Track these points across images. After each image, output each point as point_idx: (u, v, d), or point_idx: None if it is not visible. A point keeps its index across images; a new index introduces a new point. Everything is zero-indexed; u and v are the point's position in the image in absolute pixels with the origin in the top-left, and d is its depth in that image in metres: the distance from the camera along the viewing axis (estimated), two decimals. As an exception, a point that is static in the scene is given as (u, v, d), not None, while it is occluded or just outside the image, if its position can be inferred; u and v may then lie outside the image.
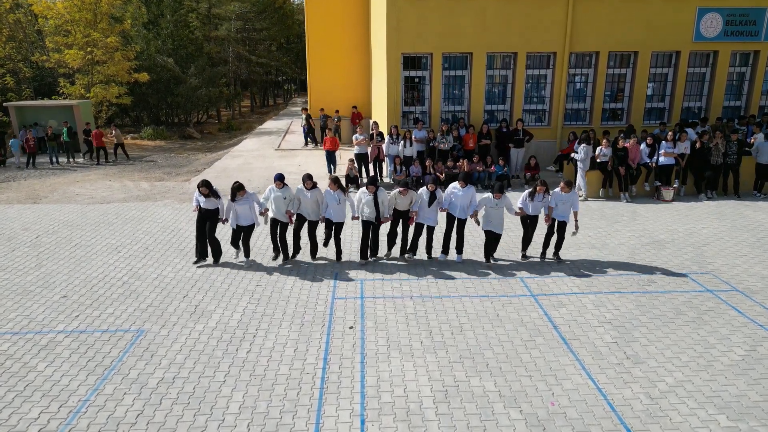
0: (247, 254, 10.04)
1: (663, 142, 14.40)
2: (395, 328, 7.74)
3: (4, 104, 24.61)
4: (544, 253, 10.27)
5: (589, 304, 8.43)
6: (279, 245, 10.10)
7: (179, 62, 33.69)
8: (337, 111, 22.49)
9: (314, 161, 19.88)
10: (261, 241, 11.31)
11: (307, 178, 9.73)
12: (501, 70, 17.21)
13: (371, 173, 16.43)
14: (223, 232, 11.10)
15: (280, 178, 9.79)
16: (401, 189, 9.61)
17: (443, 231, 10.20)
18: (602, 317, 8.02)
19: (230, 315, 8.14)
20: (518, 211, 9.94)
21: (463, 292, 8.87)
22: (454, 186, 9.86)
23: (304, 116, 23.38)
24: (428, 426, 5.72)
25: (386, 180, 16.41)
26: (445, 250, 10.22)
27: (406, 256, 10.19)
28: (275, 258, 10.25)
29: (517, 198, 10.24)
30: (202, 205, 9.77)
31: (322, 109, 23.13)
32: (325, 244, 10.14)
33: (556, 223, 9.96)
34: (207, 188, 9.69)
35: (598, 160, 14.41)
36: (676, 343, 7.32)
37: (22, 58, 30.66)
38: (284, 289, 9.03)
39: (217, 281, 9.37)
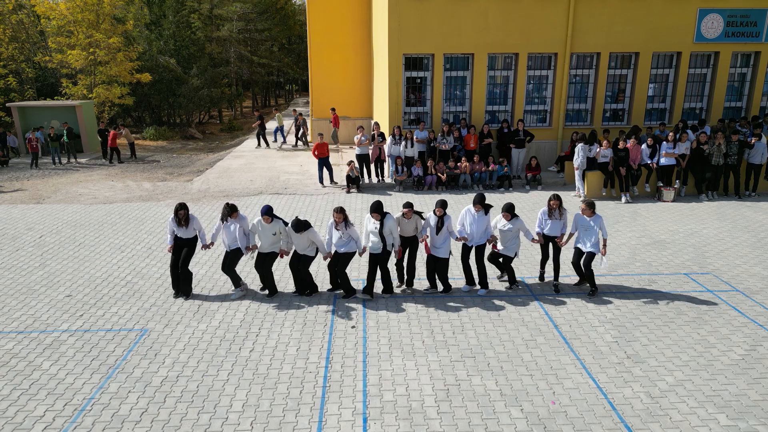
0: (235, 282, 8.82)
1: (663, 142, 14.44)
2: (397, 327, 7.79)
3: (7, 104, 24.70)
4: (581, 283, 9.04)
5: (590, 304, 8.47)
6: (266, 279, 8.77)
7: (181, 63, 33.78)
8: (333, 109, 22.50)
9: (315, 161, 19.89)
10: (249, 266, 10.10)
11: (296, 228, 8.22)
12: (502, 71, 17.26)
13: (372, 174, 16.49)
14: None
15: (268, 212, 8.29)
16: (405, 211, 8.30)
17: (458, 261, 9.14)
18: (603, 317, 8.07)
19: (233, 314, 8.19)
20: (536, 237, 8.81)
21: (464, 292, 8.90)
22: (469, 211, 8.53)
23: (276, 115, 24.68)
24: (430, 424, 5.77)
25: (387, 180, 16.46)
26: (469, 281, 8.86)
27: (406, 289, 8.95)
28: (262, 289, 9.00)
29: (527, 214, 9.53)
30: (179, 234, 8.59)
31: (294, 110, 23.64)
32: (332, 287, 8.89)
33: (584, 255, 8.61)
34: (185, 210, 8.41)
35: (598, 161, 14.45)
36: (676, 342, 7.36)
37: (25, 59, 30.74)
38: (287, 289, 9.07)
39: (220, 281, 9.42)
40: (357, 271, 9.78)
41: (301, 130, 24.05)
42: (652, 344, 7.31)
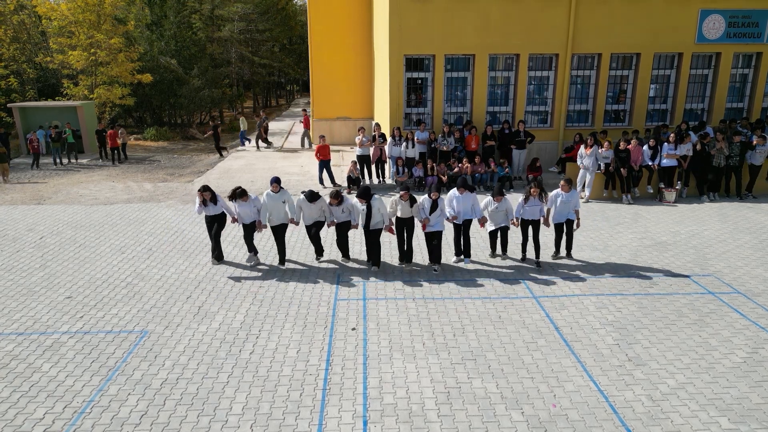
0: (250, 249, 10.09)
1: (665, 144, 14.41)
2: (397, 329, 7.77)
3: (8, 105, 24.72)
4: (557, 253, 10.38)
5: (591, 306, 8.45)
6: (279, 249, 10.19)
7: (182, 63, 33.77)
8: (305, 110, 22.90)
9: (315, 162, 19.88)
10: (265, 241, 11.36)
11: (310, 198, 9.59)
12: (503, 72, 17.23)
13: (374, 175, 16.46)
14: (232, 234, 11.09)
15: (276, 181, 9.81)
16: (402, 193, 9.48)
17: (451, 236, 10.32)
18: (604, 319, 8.04)
19: (233, 316, 8.18)
20: (514, 221, 10.01)
21: (465, 294, 8.90)
22: (454, 193, 9.91)
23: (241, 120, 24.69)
24: (430, 427, 5.75)
25: (389, 181, 16.44)
26: (457, 252, 10.25)
27: (405, 266, 10.08)
28: (281, 263, 10.22)
29: (516, 202, 10.21)
30: (207, 213, 9.99)
31: (262, 112, 23.84)
32: (344, 257, 10.23)
33: (565, 223, 10.10)
34: (210, 192, 9.81)
35: (599, 162, 14.41)
36: (677, 345, 7.34)
37: (26, 59, 30.77)
38: (287, 291, 9.07)
39: (220, 282, 9.41)
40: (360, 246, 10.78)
41: (263, 132, 23.88)
42: (653, 347, 7.29)
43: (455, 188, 9.94)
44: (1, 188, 16.94)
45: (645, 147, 14.60)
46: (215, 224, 10.06)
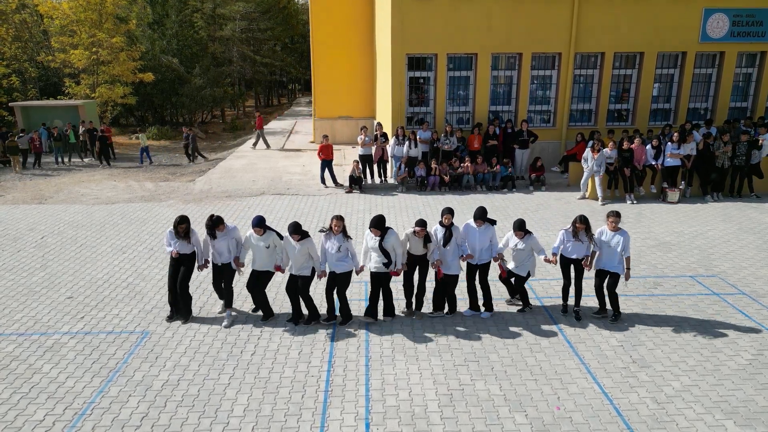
0: (228, 303, 7.96)
1: (668, 143, 14.33)
2: (399, 331, 7.71)
3: (10, 104, 24.71)
4: (601, 309, 8.06)
5: (595, 307, 8.38)
6: (259, 301, 8.04)
7: (184, 62, 33.80)
8: (259, 112, 23.41)
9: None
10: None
11: (293, 231, 7.37)
12: (506, 71, 17.16)
13: (376, 174, 16.41)
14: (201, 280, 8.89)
15: (259, 224, 7.49)
16: (417, 229, 7.49)
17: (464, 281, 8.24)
18: (607, 320, 7.97)
19: (234, 317, 8.12)
20: (551, 258, 7.88)
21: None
22: (469, 225, 7.88)
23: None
24: (433, 430, 5.70)
25: (390, 181, 16.38)
26: (473, 305, 8.12)
27: (413, 315, 8.14)
28: (254, 310, 8.25)
29: (544, 234, 8.67)
30: (176, 249, 7.85)
31: (185, 128, 23.68)
32: (329, 316, 7.89)
33: (609, 276, 7.79)
34: (186, 224, 7.79)
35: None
36: (682, 347, 7.27)
37: (28, 58, 30.80)
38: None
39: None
40: (358, 293, 8.83)
41: (191, 146, 22.19)
42: (657, 348, 7.23)
43: (471, 221, 7.85)
44: (2, 187, 16.93)
45: (648, 146, 14.54)
46: (182, 268, 7.86)
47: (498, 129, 16.35)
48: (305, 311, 7.94)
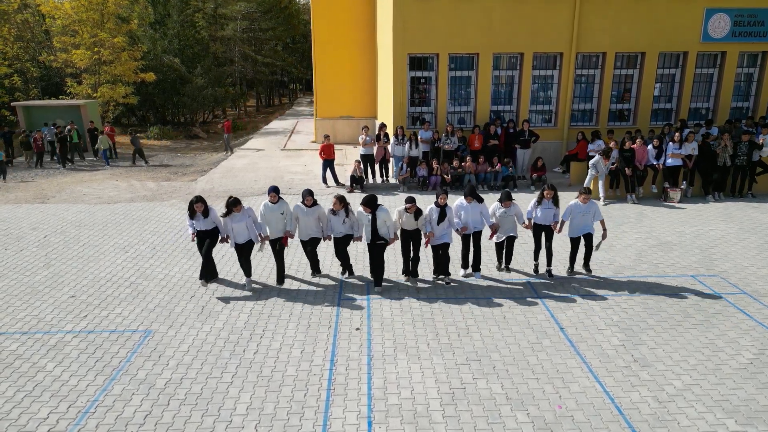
0: (247, 273, 9.07)
1: (670, 143, 14.34)
2: (402, 329, 7.74)
3: (12, 104, 24.76)
4: (572, 268, 9.59)
5: (596, 307, 8.41)
6: (278, 264, 9.27)
7: (185, 62, 33.81)
8: (226, 119, 23.00)
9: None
10: (265, 261, 10.21)
11: (307, 194, 8.80)
12: (507, 71, 17.18)
13: (377, 174, 16.43)
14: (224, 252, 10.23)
15: (274, 190, 8.93)
16: (408, 206, 8.64)
17: (459, 248, 9.52)
18: (609, 320, 8.00)
19: (237, 316, 8.16)
20: (527, 223, 9.35)
21: (469, 294, 8.86)
22: (461, 202, 9.17)
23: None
24: (435, 428, 5.72)
25: (392, 180, 16.41)
26: (465, 265, 9.51)
27: (409, 281, 9.34)
28: (279, 282, 9.26)
29: (526, 205, 9.70)
30: (198, 228, 8.86)
31: (131, 132, 22.09)
32: (344, 272, 9.47)
33: (583, 237, 9.30)
34: (203, 204, 8.71)
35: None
36: (683, 346, 7.29)
37: (30, 58, 30.85)
38: (291, 290, 9.05)
39: (224, 282, 9.40)
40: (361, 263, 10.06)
41: (136, 148, 21.18)
42: (659, 347, 7.25)
43: (462, 197, 9.21)
44: (5, 187, 16.98)
45: (649, 146, 14.54)
46: (206, 240, 8.91)
47: (499, 129, 16.38)
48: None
